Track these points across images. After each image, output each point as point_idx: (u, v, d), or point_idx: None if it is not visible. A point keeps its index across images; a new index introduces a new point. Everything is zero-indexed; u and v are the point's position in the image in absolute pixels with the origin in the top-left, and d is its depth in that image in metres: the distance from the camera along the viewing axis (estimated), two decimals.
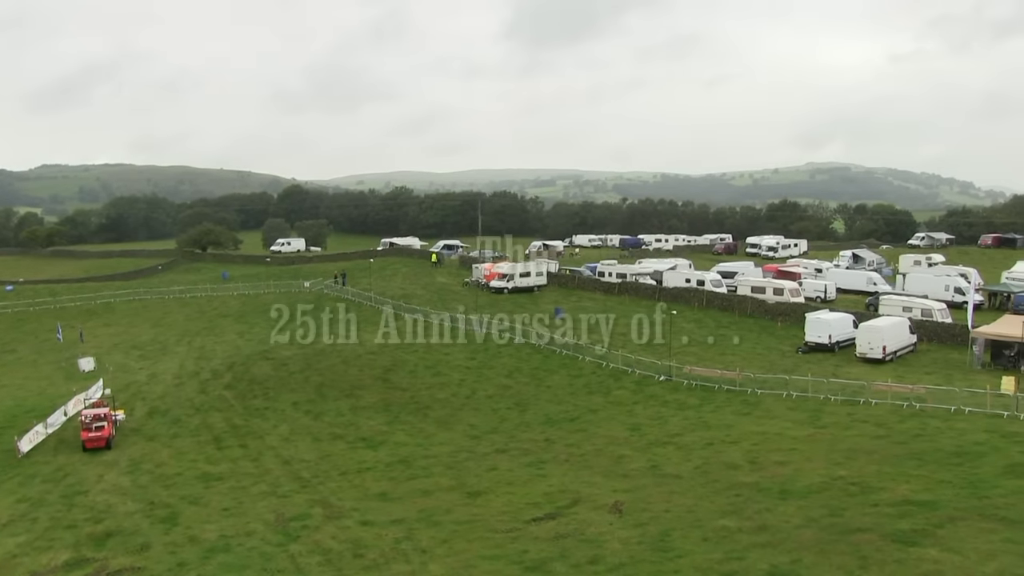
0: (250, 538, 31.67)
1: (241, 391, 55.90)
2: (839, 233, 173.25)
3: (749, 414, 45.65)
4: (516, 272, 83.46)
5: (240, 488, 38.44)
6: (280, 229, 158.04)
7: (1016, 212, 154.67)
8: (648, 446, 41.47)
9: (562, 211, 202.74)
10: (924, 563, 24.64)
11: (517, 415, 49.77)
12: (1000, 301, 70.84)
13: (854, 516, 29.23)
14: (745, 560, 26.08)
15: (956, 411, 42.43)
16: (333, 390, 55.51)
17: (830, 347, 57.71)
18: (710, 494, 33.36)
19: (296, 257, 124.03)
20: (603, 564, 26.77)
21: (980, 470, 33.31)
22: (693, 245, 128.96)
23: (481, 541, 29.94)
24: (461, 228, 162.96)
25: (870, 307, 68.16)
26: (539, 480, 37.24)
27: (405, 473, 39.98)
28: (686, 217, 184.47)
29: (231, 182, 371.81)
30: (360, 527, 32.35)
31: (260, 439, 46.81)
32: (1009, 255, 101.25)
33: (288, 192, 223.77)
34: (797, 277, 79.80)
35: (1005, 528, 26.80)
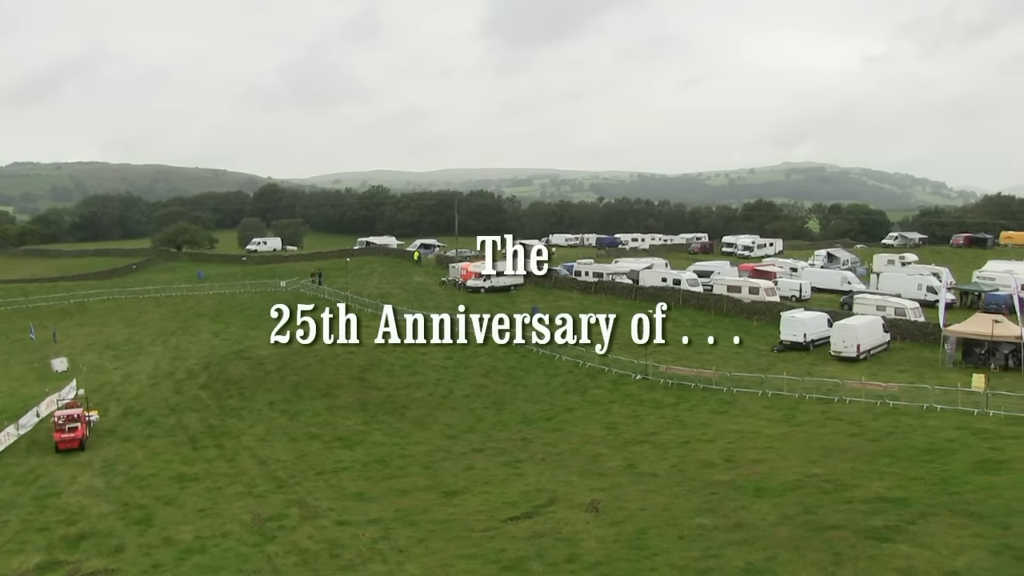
0: (226, 539, 31.50)
1: (217, 391, 55.58)
2: (814, 233, 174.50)
3: (725, 412, 45.93)
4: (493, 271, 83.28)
5: (216, 489, 38.22)
6: (256, 228, 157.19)
7: (987, 212, 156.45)
8: (624, 445, 41.63)
9: (539, 210, 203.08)
10: (896, 559, 24.95)
11: (494, 414, 49.80)
12: (971, 300, 71.64)
13: (828, 513, 29.50)
14: (721, 558, 26.26)
15: (928, 409, 42.90)
16: (309, 389, 55.31)
17: (805, 346, 58.16)
18: (686, 492, 33.54)
19: (272, 256, 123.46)
20: (580, 563, 26.85)
21: (951, 466, 33.73)
22: (669, 244, 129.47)
23: (458, 540, 29.95)
24: (438, 227, 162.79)
25: (844, 306, 68.73)
26: (516, 479, 37.29)
27: (382, 473, 39.89)
28: (662, 216, 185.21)
29: (206, 181, 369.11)
30: (337, 527, 32.26)
31: (236, 439, 46.56)
32: (980, 254, 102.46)
33: (264, 191, 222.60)
34: (772, 276, 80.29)
35: (974, 523, 27.19)
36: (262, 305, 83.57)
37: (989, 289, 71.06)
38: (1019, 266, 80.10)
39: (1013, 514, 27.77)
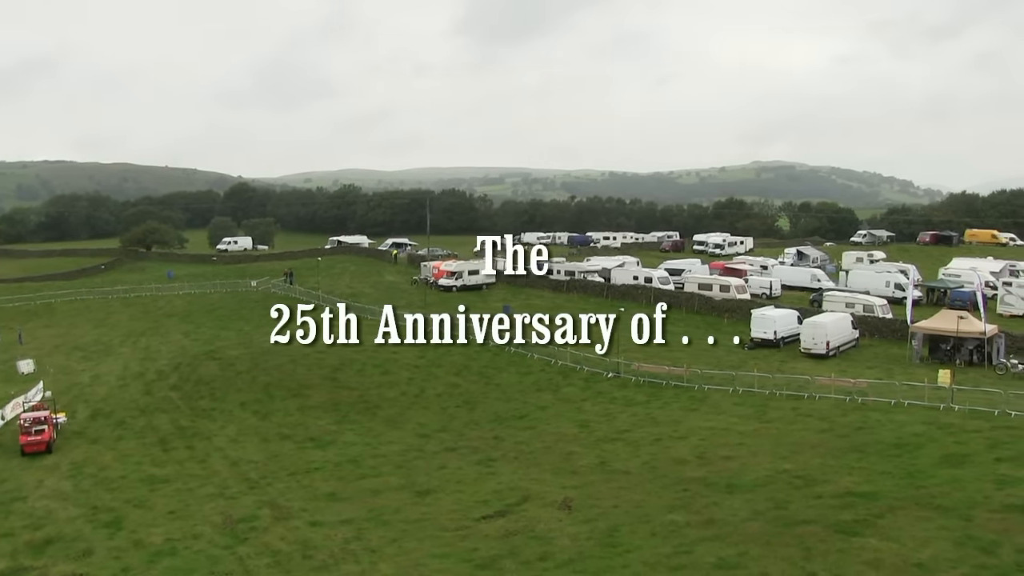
0: (197, 541, 31.29)
1: (187, 392, 55.11)
2: (784, 231, 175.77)
3: (696, 410, 46.21)
4: (464, 270, 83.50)
5: (187, 490, 37.93)
6: (226, 228, 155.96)
7: (952, 211, 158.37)
8: (597, 442, 41.77)
9: (511, 209, 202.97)
10: (865, 552, 25.34)
11: (466, 413, 49.78)
12: (937, 297, 72.55)
13: (799, 508, 29.84)
14: (693, 554, 26.49)
15: (896, 404, 43.42)
16: (281, 390, 54.98)
17: (775, 343, 58.62)
18: (658, 489, 33.76)
19: (243, 256, 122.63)
20: (552, 560, 26.96)
21: (918, 461, 34.24)
22: (641, 243, 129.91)
23: (431, 540, 29.96)
24: (410, 226, 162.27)
25: (814, 303, 69.32)
26: (488, 478, 37.34)
27: (354, 473, 39.78)
28: (634, 215, 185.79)
29: (176, 180, 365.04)
30: (309, 528, 32.15)
31: (207, 440, 46.21)
32: (946, 252, 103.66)
33: (235, 190, 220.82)
34: (743, 274, 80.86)
35: (940, 516, 27.70)
36: (233, 305, 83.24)
37: (954, 286, 72.03)
38: (983, 264, 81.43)
39: (975, 506, 28.37)
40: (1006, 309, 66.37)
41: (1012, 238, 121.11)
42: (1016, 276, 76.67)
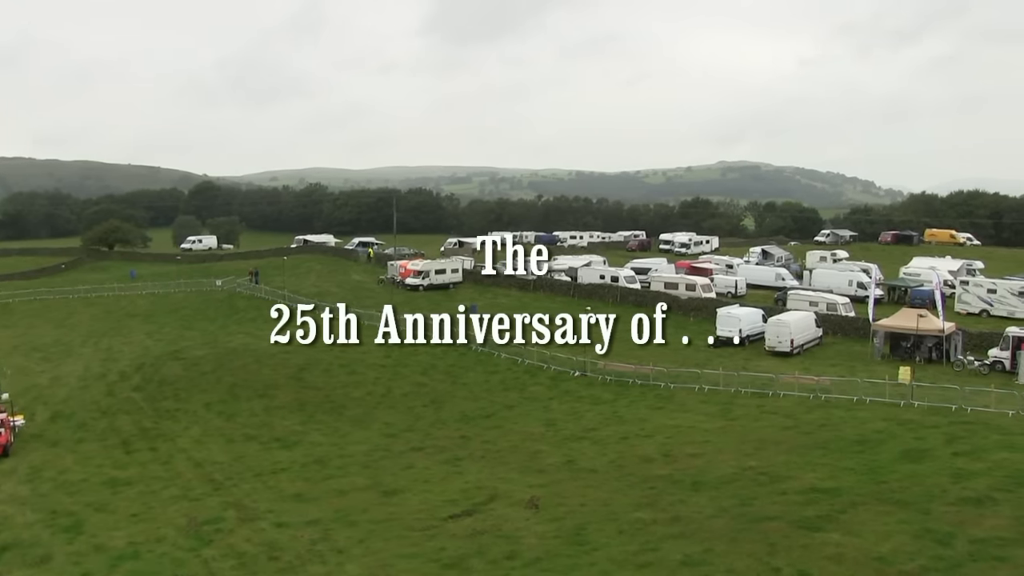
0: (160, 544, 30.92)
1: (151, 393, 54.47)
2: (749, 230, 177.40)
3: (663, 408, 46.52)
4: (431, 269, 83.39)
5: (150, 493, 37.48)
6: (191, 226, 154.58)
7: (912, 211, 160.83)
8: (564, 441, 41.90)
9: (478, 208, 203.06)
10: (827, 547, 25.72)
11: (433, 413, 49.70)
12: (898, 295, 73.59)
13: (763, 505, 30.17)
14: (659, 551, 26.67)
15: (858, 401, 44.03)
16: (246, 390, 54.52)
17: (741, 341, 59.11)
18: (625, 487, 33.93)
19: (208, 255, 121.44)
20: (520, 559, 27.01)
21: (879, 456, 34.79)
22: (607, 242, 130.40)
23: (398, 540, 29.88)
24: (376, 225, 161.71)
25: (779, 302, 70.01)
26: (455, 477, 37.31)
27: (320, 473, 39.55)
28: (601, 214, 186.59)
29: (140, 178, 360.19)
30: (275, 529, 31.92)
31: (171, 441, 45.72)
32: (906, 251, 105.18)
33: (199, 188, 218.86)
34: (709, 273, 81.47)
35: (900, 510, 28.24)
36: (197, 305, 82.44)
37: (915, 285, 73.11)
38: (942, 263, 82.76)
39: (934, 499, 28.98)
40: (963, 307, 67.51)
41: (969, 238, 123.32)
42: (973, 275, 78.08)
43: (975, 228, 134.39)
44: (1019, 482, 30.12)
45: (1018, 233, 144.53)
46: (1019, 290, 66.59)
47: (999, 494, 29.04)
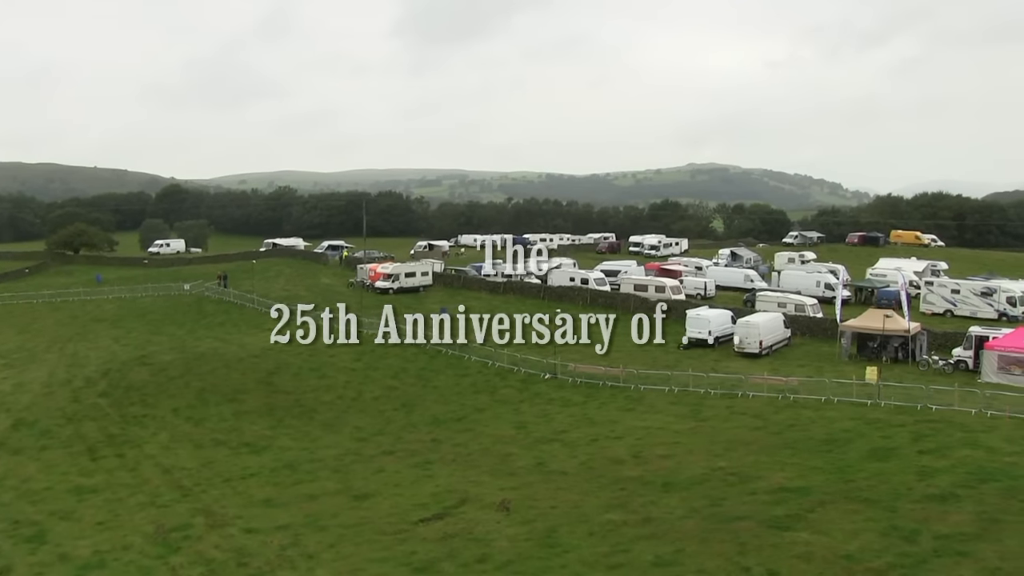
0: (127, 552, 30.58)
1: (117, 398, 53.80)
2: (718, 232, 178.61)
3: (633, 410, 46.68)
4: (401, 272, 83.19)
5: (116, 500, 37.05)
6: (159, 230, 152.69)
7: (879, 212, 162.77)
8: (534, 443, 41.93)
9: (448, 211, 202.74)
10: (797, 546, 25.99)
11: (404, 416, 49.55)
12: (865, 296, 74.47)
13: (733, 505, 30.39)
14: (631, 552, 26.80)
15: (826, 401, 44.45)
16: (215, 395, 54.04)
17: (710, 343, 59.44)
18: (596, 489, 34.02)
19: (176, 259, 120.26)
20: (491, 562, 27.02)
21: (847, 455, 35.18)
22: (577, 244, 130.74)
23: (369, 544, 29.78)
24: (346, 228, 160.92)
25: (747, 303, 70.51)
26: (426, 481, 37.24)
27: (290, 478, 39.31)
28: (570, 216, 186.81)
29: (106, 181, 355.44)
30: (244, 535, 31.69)
31: (138, 448, 45.21)
32: (873, 252, 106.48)
33: (167, 191, 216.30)
34: (678, 275, 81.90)
35: (867, 508, 28.61)
36: (165, 309, 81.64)
37: (881, 286, 73.97)
38: (907, 264, 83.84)
39: (900, 497, 29.41)
40: (928, 307, 68.42)
41: (933, 239, 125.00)
42: (937, 276, 79.16)
43: (939, 229, 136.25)
44: (981, 479, 30.64)
45: (980, 234, 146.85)
46: (982, 290, 67.65)
47: (962, 490, 29.53)
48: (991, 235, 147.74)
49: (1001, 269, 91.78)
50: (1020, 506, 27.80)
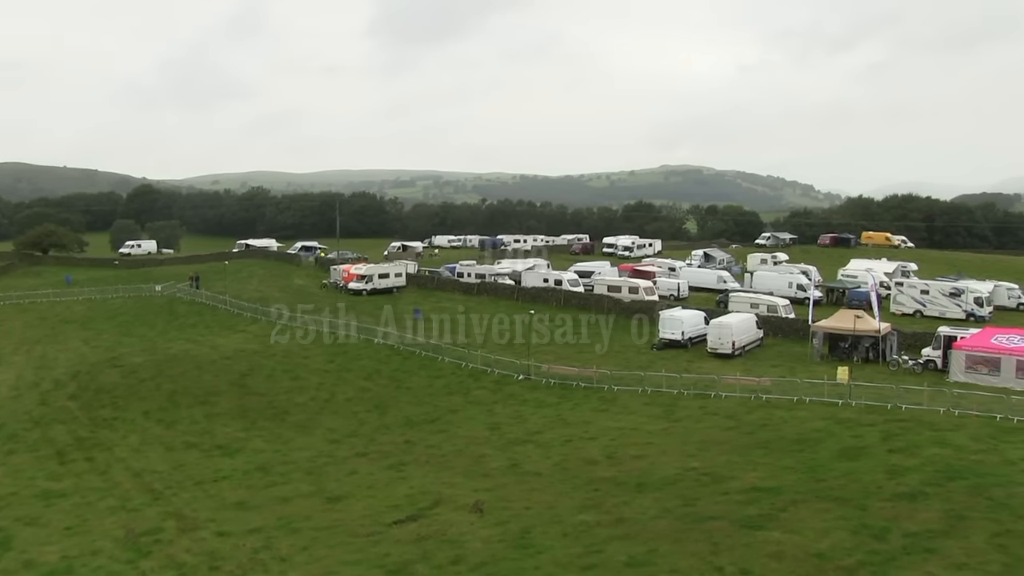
0: (96, 557, 30.26)
1: (87, 401, 53.23)
2: (691, 233, 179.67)
3: (606, 410, 46.77)
4: (375, 273, 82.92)
5: (85, 504, 36.66)
6: (130, 230, 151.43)
7: (850, 214, 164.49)
8: (508, 445, 41.93)
9: (422, 212, 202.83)
10: (769, 545, 26.15)
11: (377, 418, 49.38)
12: (837, 296, 75.11)
13: (706, 505, 30.55)
14: (604, 553, 26.85)
15: (798, 401, 44.77)
16: (187, 397, 53.60)
17: (683, 343, 59.71)
18: (569, 490, 34.08)
19: (147, 260, 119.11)
20: (465, 564, 26.98)
21: (818, 455, 35.45)
22: (551, 245, 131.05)
23: (342, 546, 29.65)
24: (320, 229, 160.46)
25: (720, 304, 70.88)
26: (400, 482, 37.14)
27: (263, 480, 39.08)
28: (544, 218, 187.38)
29: (76, 181, 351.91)
30: (216, 538, 31.46)
31: (108, 451, 44.77)
32: (844, 253, 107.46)
33: (138, 192, 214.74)
34: (652, 276, 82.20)
35: (838, 507, 28.86)
36: (136, 311, 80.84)
37: (852, 286, 74.68)
38: (878, 265, 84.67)
39: (870, 496, 29.72)
40: (898, 308, 69.19)
41: (903, 240, 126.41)
42: (907, 276, 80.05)
43: (909, 231, 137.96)
44: (949, 476, 31.01)
45: (949, 236, 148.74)
46: (950, 291, 68.47)
47: (931, 488, 29.89)
48: (959, 236, 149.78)
49: (969, 270, 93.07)
50: (986, 503, 28.17)
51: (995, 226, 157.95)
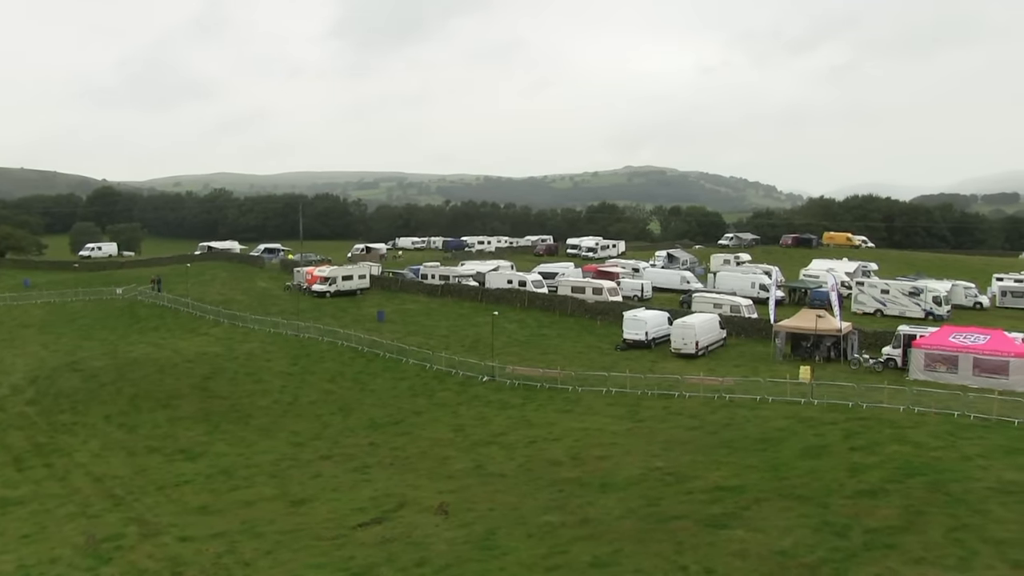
0: (55, 565, 29.78)
1: (46, 406, 52.38)
2: (655, 234, 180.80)
3: (571, 411, 46.88)
4: (338, 275, 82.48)
5: (44, 511, 36.06)
6: (90, 233, 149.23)
7: (812, 214, 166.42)
8: (472, 446, 41.91)
9: (385, 213, 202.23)
10: (733, 543, 26.39)
11: (341, 420, 49.11)
12: (799, 296, 75.98)
13: (670, 504, 30.76)
14: (568, 553, 26.94)
15: (761, 400, 45.18)
16: (148, 401, 52.95)
17: (647, 344, 60.02)
18: (534, 491, 34.13)
19: (108, 262, 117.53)
20: (430, 566, 26.94)
21: (781, 454, 35.82)
22: (515, 247, 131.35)
23: (306, 550, 29.47)
24: (283, 231, 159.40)
25: (684, 304, 71.36)
26: (364, 485, 36.98)
27: (226, 484, 38.73)
28: (508, 219, 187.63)
29: (33, 183, 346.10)
30: (179, 543, 31.12)
31: (68, 456, 44.07)
32: (806, 254, 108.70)
33: (99, 194, 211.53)
34: (615, 277, 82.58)
35: (800, 505, 29.19)
36: (96, 314, 79.73)
37: (814, 286, 75.52)
38: (839, 265, 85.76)
39: (832, 493, 30.12)
40: (859, 307, 70.15)
41: (864, 240, 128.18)
42: (868, 276, 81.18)
43: (869, 231, 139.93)
44: (908, 473, 31.51)
45: (908, 235, 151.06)
46: (909, 290, 69.52)
47: (891, 485, 30.35)
48: (918, 236, 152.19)
49: (928, 270, 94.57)
50: (944, 499, 28.66)
51: (952, 226, 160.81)
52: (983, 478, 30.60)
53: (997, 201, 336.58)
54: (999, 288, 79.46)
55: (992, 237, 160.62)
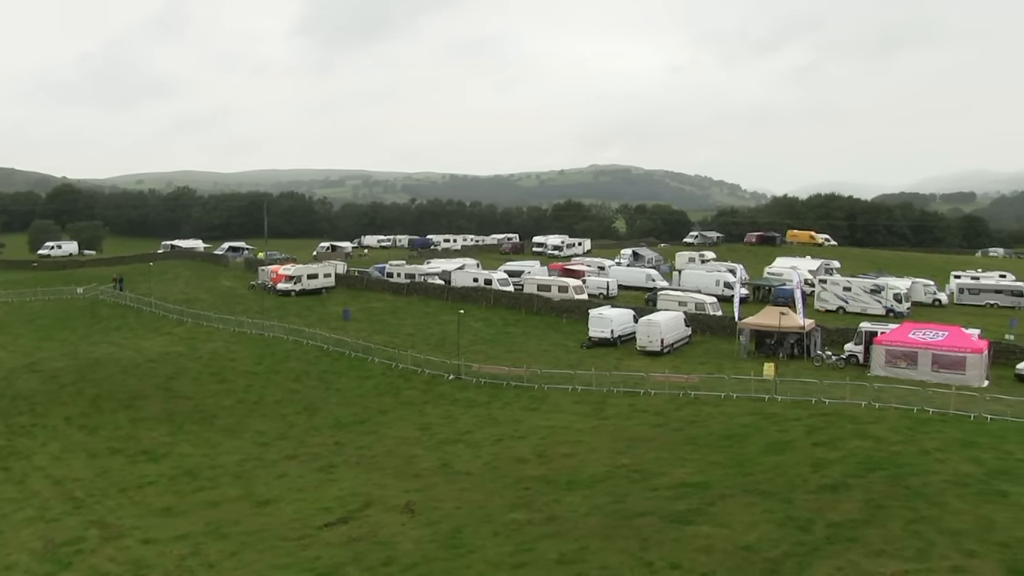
0: (11, 572, 29.34)
1: (3, 408, 51.52)
2: (621, 232, 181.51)
3: (537, 409, 46.97)
4: (303, 274, 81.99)
5: (0, 516, 35.47)
6: (49, 231, 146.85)
7: (776, 212, 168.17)
8: (439, 445, 41.85)
9: (351, 212, 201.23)
10: (698, 539, 26.63)
11: (306, 419, 48.81)
12: (763, 294, 76.69)
13: (636, 501, 30.93)
14: (535, 551, 27.03)
15: (726, 397, 45.55)
16: (110, 402, 52.28)
17: (612, 342, 60.25)
18: (500, 489, 34.17)
19: (68, 261, 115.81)
20: (396, 565, 26.90)
21: (745, 450, 36.14)
22: (481, 245, 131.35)
23: (272, 551, 29.30)
24: (247, 230, 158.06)
25: (649, 302, 71.76)
26: (330, 484, 36.81)
27: (190, 485, 38.37)
28: (474, 217, 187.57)
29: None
30: (142, 546, 30.82)
31: (26, 459, 43.41)
32: (770, 252, 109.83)
33: (58, 191, 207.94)
34: (581, 275, 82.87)
35: (764, 500, 29.49)
36: (56, 314, 78.62)
37: (778, 284, 76.27)
38: (802, 263, 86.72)
39: (795, 489, 30.47)
40: (822, 304, 71.01)
41: (827, 238, 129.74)
42: (830, 274, 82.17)
43: (832, 229, 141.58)
44: (869, 468, 31.96)
45: (870, 234, 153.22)
46: (871, 288, 70.47)
47: (852, 480, 30.76)
48: (879, 234, 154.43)
49: (889, 267, 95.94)
50: (904, 492, 29.12)
51: (913, 224, 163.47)
52: (940, 471, 31.13)
53: (955, 200, 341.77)
54: (957, 285, 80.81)
55: (950, 235, 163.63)
